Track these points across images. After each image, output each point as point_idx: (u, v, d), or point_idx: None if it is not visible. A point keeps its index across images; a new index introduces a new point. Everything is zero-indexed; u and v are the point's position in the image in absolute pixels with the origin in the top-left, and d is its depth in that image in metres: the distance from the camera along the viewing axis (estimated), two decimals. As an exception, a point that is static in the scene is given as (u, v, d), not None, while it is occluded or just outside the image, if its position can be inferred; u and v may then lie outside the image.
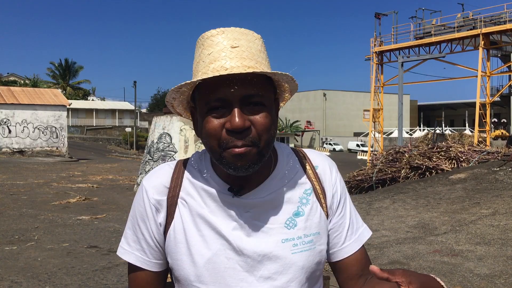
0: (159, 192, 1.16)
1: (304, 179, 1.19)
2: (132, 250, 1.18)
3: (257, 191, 1.13)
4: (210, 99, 1.05)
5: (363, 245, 1.25)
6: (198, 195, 1.14)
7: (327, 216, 1.20)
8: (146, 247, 1.17)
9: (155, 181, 1.18)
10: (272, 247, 1.11)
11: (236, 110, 1.03)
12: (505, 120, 35.69)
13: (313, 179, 1.20)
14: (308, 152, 1.26)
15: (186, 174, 1.18)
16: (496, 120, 33.47)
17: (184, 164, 1.21)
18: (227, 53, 1.05)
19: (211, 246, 1.10)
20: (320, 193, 1.19)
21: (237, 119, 1.02)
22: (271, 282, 1.10)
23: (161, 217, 1.15)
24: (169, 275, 1.23)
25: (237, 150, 1.03)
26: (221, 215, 1.11)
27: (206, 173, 1.16)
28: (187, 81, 1.07)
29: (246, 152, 1.03)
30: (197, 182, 1.15)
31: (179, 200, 1.15)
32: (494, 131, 32.05)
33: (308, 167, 1.22)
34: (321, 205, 1.19)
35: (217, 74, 1.00)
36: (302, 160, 1.23)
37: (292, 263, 1.12)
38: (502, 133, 32.55)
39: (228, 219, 1.11)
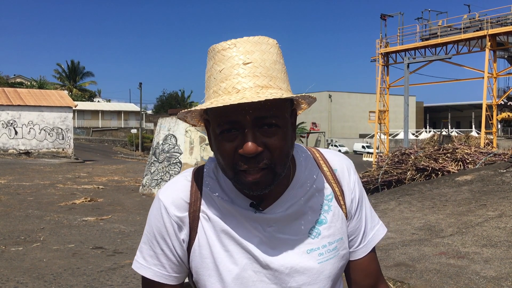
0: (180, 208, 1.12)
1: (324, 184, 1.16)
2: (148, 265, 1.15)
3: (279, 203, 1.10)
4: (221, 121, 1.01)
5: (373, 252, 1.25)
6: (219, 209, 1.11)
7: (347, 218, 1.18)
8: (165, 262, 1.13)
9: (173, 196, 1.13)
10: (298, 259, 1.10)
11: (248, 134, 0.99)
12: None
13: (333, 183, 1.17)
14: (325, 152, 1.23)
15: (205, 187, 1.14)
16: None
17: (200, 174, 1.16)
18: (239, 70, 1.00)
19: (237, 261, 1.08)
20: (340, 197, 1.17)
21: (249, 145, 0.98)
22: None
23: (184, 234, 1.12)
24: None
25: (250, 178, 1.01)
26: (244, 230, 1.09)
27: (225, 186, 1.13)
28: (196, 107, 1.04)
29: (260, 177, 1.01)
30: (217, 196, 1.12)
31: (200, 214, 1.11)
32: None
33: (326, 169, 1.19)
34: (342, 209, 1.17)
35: (227, 102, 0.95)
36: (320, 162, 1.20)
37: (319, 272, 1.11)
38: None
39: (251, 234, 1.09)
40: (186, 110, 1.08)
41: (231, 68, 1.01)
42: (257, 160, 1.00)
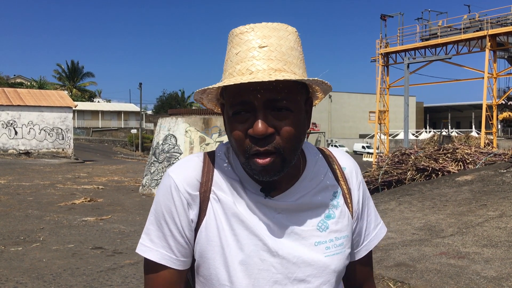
0: (191, 186, 1.09)
1: (333, 180, 1.17)
2: (156, 248, 1.11)
3: (289, 193, 1.11)
4: (234, 102, 1.02)
5: (370, 252, 1.26)
6: (230, 192, 1.10)
7: (352, 218, 1.19)
8: (173, 244, 1.10)
9: (185, 174, 1.10)
10: (306, 250, 1.10)
11: (259, 115, 1.00)
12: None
13: (341, 181, 1.18)
14: (334, 151, 1.24)
15: (217, 168, 1.12)
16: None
17: (212, 156, 1.15)
18: (254, 53, 1.01)
19: (244, 246, 1.07)
20: (347, 195, 1.18)
21: (259, 125, 0.99)
22: (305, 285, 1.09)
23: (193, 214, 1.09)
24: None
25: (260, 161, 1.01)
26: (253, 215, 1.08)
27: (236, 170, 1.12)
28: (210, 86, 1.04)
29: (270, 162, 1.01)
30: (228, 179, 1.11)
31: (211, 195, 1.09)
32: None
33: (335, 167, 1.20)
34: (348, 208, 1.18)
35: (239, 81, 0.97)
36: (329, 160, 1.21)
37: (325, 266, 1.11)
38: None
39: (260, 220, 1.08)
40: (202, 89, 1.07)
41: (247, 51, 1.02)
42: (266, 142, 1.00)
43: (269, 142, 1.00)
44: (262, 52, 1.01)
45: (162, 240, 1.11)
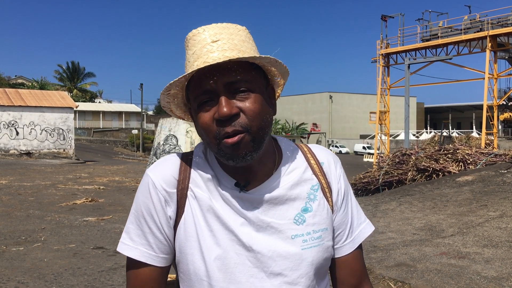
0: (168, 184, 1.12)
1: (310, 174, 1.18)
2: (136, 245, 1.13)
3: (264, 187, 1.12)
4: (197, 93, 1.06)
5: (359, 250, 1.24)
6: (206, 189, 1.12)
7: (333, 211, 1.19)
8: (153, 241, 1.12)
9: (162, 172, 1.14)
10: (282, 243, 1.10)
11: (222, 99, 1.03)
12: None
13: (320, 175, 1.19)
14: (312, 147, 1.26)
15: (194, 166, 1.15)
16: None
17: (189, 155, 1.19)
18: (208, 47, 1.06)
19: (220, 241, 1.09)
20: (326, 189, 1.19)
21: (224, 108, 1.02)
22: (282, 278, 1.10)
23: (171, 211, 1.12)
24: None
25: (229, 140, 1.03)
26: (229, 210, 1.10)
27: (213, 167, 1.14)
28: (171, 82, 1.08)
29: (239, 140, 1.03)
30: (205, 175, 1.13)
31: (188, 192, 1.12)
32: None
33: (313, 162, 1.21)
34: (328, 201, 1.18)
35: (195, 67, 1.03)
36: (307, 155, 1.22)
37: (302, 259, 1.11)
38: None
39: (236, 214, 1.10)
40: (165, 88, 1.11)
41: (201, 48, 1.07)
42: (232, 122, 1.04)
43: (235, 121, 1.03)
44: (215, 46, 1.06)
45: (141, 238, 1.13)
